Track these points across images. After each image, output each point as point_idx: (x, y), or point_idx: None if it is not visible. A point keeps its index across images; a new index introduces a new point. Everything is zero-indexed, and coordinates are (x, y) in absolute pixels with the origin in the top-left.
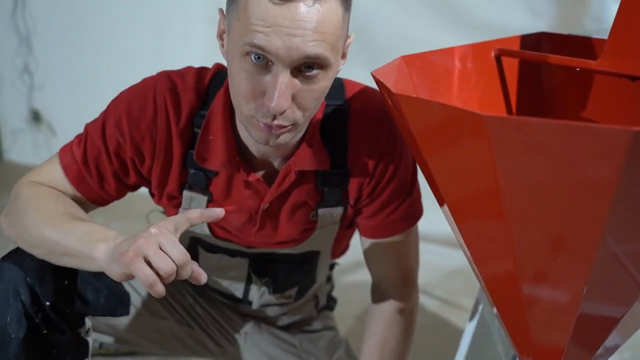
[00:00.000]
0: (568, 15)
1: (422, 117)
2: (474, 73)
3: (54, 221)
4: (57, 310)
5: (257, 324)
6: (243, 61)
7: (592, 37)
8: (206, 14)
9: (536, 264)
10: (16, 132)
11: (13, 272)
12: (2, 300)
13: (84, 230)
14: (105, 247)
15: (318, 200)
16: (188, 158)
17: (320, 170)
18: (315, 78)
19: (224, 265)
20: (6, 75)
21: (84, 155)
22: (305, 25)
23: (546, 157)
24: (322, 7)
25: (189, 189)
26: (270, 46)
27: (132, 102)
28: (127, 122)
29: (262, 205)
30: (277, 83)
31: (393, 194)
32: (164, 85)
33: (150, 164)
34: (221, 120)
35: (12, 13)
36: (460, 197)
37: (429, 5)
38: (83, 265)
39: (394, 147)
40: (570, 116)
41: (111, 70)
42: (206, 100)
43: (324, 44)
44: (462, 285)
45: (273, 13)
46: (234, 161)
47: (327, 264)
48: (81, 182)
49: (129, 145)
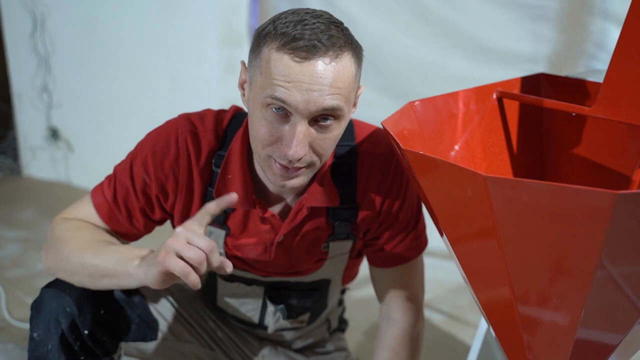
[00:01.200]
0: (570, 40)
1: (428, 171)
2: (476, 115)
3: (92, 247)
4: (94, 338)
5: (273, 347)
6: (264, 111)
7: (588, 80)
8: (219, 37)
9: (533, 289)
10: (35, 149)
11: (54, 302)
12: (43, 329)
13: (120, 251)
14: (142, 261)
15: (329, 233)
16: (208, 195)
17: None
18: (329, 127)
19: (240, 293)
20: (26, 94)
21: (114, 195)
22: (323, 82)
23: (541, 211)
24: (337, 65)
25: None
26: (290, 99)
27: (156, 143)
28: (152, 162)
29: (276, 238)
30: (295, 132)
31: (400, 227)
32: (185, 127)
33: (173, 201)
34: (239, 160)
35: (31, 35)
36: (459, 231)
37: (435, 30)
38: (122, 283)
39: (400, 185)
40: (569, 154)
41: (127, 90)
42: (224, 142)
43: (339, 97)
44: (468, 300)
45: (294, 70)
46: (251, 199)
47: (338, 290)
48: (112, 219)
49: (154, 184)
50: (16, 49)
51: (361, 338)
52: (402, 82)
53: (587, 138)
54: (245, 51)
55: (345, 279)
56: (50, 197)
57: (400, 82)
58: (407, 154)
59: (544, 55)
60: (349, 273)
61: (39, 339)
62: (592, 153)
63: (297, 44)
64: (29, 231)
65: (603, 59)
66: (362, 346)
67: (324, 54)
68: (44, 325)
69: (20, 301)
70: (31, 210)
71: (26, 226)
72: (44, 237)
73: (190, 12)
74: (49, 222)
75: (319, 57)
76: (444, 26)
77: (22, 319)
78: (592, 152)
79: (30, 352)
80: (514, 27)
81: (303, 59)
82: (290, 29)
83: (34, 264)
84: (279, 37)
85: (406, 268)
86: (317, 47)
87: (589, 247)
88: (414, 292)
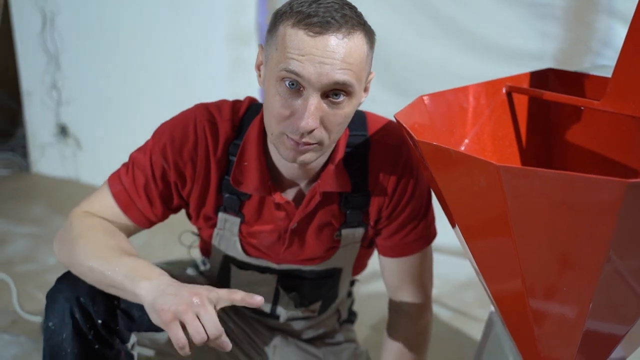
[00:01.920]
0: (576, 38)
1: (441, 162)
2: (486, 109)
3: (102, 254)
4: (107, 327)
5: (284, 337)
6: (278, 86)
7: (596, 75)
8: (227, 35)
9: (543, 281)
10: (44, 146)
11: (68, 293)
12: (58, 319)
13: (130, 266)
14: (149, 285)
15: (341, 221)
16: (224, 183)
17: (344, 193)
18: (341, 104)
19: (253, 282)
20: (35, 91)
21: (133, 182)
22: (335, 56)
23: (552, 201)
24: (349, 41)
25: (223, 211)
26: (304, 72)
27: (174, 132)
28: (171, 150)
29: (290, 225)
30: (307, 104)
31: (410, 216)
32: (204, 117)
33: (190, 188)
34: (255, 148)
35: (41, 32)
36: (472, 222)
37: (442, 28)
38: (127, 298)
39: (411, 174)
40: (577, 148)
41: (135, 87)
42: (240, 131)
43: (350, 72)
44: (476, 296)
45: (308, 44)
46: (267, 185)
47: (348, 280)
48: (130, 207)
49: (172, 171)
50: (26, 46)
51: (369, 331)
52: (408, 79)
53: (596, 132)
54: (253, 49)
55: (355, 270)
56: (59, 193)
57: (406, 79)
58: (421, 145)
59: (550, 52)
60: (359, 264)
61: (53, 328)
62: (601, 146)
63: (311, 20)
64: (39, 227)
65: (609, 56)
66: (371, 339)
67: (337, 30)
68: (59, 314)
69: (30, 295)
70: (40, 206)
71: (36, 222)
72: (53, 233)
73: (198, 10)
74: (58, 219)
75: (332, 33)
76: (450, 23)
77: (33, 312)
78: (600, 146)
79: (45, 341)
80: (520, 25)
81: (316, 34)
82: (305, 8)
83: (43, 258)
84: (295, 14)
85: (416, 259)
86: (330, 23)
87: (597, 238)
88: (423, 283)
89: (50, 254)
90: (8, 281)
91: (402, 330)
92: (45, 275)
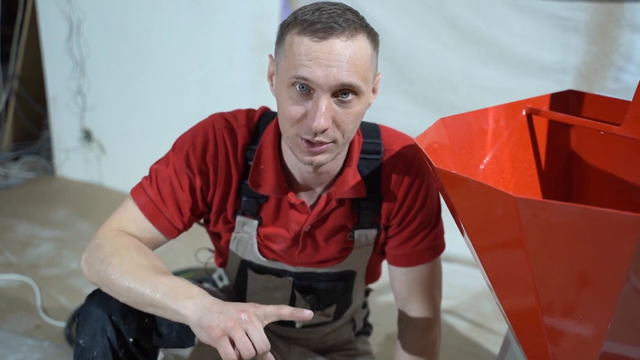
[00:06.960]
0: (599, 52)
1: (459, 188)
2: (506, 130)
3: (139, 274)
4: (138, 345)
5: (302, 351)
6: (289, 91)
7: (616, 98)
8: (250, 43)
9: (559, 299)
10: (69, 150)
11: (100, 311)
12: (90, 337)
13: (170, 285)
14: (193, 305)
15: (355, 222)
16: (242, 187)
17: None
18: (350, 103)
19: (270, 286)
20: (61, 96)
21: (158, 192)
22: (340, 58)
23: (569, 231)
24: (353, 44)
25: (241, 214)
26: (312, 76)
27: (195, 140)
28: (194, 157)
29: (304, 227)
30: (318, 105)
31: (420, 225)
32: (221, 124)
33: (212, 193)
34: (271, 152)
35: (67, 39)
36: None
37: (465, 39)
38: (168, 316)
39: (422, 184)
40: (597, 171)
41: (158, 94)
42: (256, 137)
43: (356, 74)
44: (493, 308)
45: (314, 49)
46: (283, 187)
47: (362, 286)
48: (158, 217)
49: (197, 177)
50: (52, 52)
51: (384, 341)
52: (431, 90)
53: (616, 155)
54: None
55: (368, 277)
56: (83, 197)
57: (429, 90)
58: (439, 172)
59: (573, 66)
60: (372, 270)
61: (84, 345)
62: (620, 170)
63: (315, 27)
64: (63, 231)
65: (631, 70)
66: (385, 348)
67: (341, 34)
68: (90, 332)
69: (54, 299)
70: (65, 210)
71: (60, 226)
72: (77, 236)
73: (222, 19)
74: (82, 223)
75: (336, 37)
76: (473, 35)
77: (57, 317)
78: (620, 170)
79: (76, 357)
80: (544, 38)
81: (321, 39)
82: (308, 16)
83: (68, 263)
84: (300, 23)
85: (425, 269)
86: (333, 28)
87: (616, 265)
88: (432, 295)
89: (73, 258)
90: (33, 286)
91: (411, 342)
92: (69, 279)
